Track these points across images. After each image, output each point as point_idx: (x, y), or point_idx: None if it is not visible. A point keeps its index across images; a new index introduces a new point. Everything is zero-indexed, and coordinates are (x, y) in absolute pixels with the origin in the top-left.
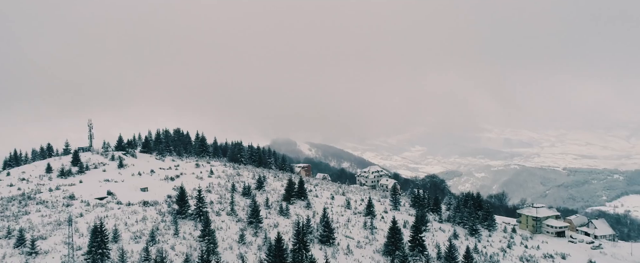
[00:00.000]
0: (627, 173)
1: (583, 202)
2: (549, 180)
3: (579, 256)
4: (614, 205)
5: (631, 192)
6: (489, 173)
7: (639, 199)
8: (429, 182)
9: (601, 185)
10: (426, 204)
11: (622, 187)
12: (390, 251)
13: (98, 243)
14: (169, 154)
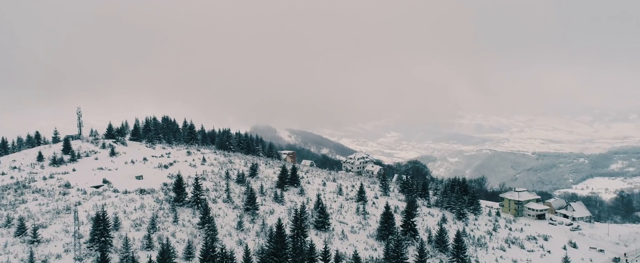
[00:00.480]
0: (591, 156)
1: (551, 185)
2: (519, 164)
3: (560, 237)
4: (580, 187)
5: (595, 175)
6: (462, 158)
7: (603, 181)
8: (412, 167)
9: (568, 168)
10: (415, 190)
11: (587, 170)
12: (384, 236)
13: (101, 231)
14: (159, 142)
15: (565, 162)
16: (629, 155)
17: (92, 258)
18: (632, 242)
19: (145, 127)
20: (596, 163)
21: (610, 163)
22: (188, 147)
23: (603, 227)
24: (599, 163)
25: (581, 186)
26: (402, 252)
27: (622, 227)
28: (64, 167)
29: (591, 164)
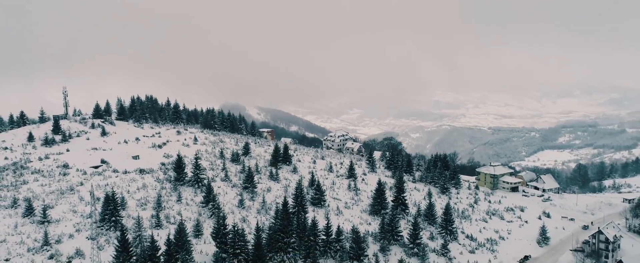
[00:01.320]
0: (542, 130)
1: (506, 158)
2: (476, 139)
3: (534, 208)
4: (532, 159)
5: (546, 148)
6: (423, 134)
7: (552, 154)
8: (387, 144)
9: (521, 142)
10: (400, 166)
11: (538, 143)
12: (377, 211)
13: (111, 210)
14: (146, 121)
15: (518, 136)
16: (575, 128)
17: (104, 237)
18: (598, 211)
19: (131, 106)
20: (546, 137)
21: (558, 137)
22: (175, 126)
23: (571, 198)
24: (548, 137)
25: (533, 158)
26: (396, 225)
27: (588, 197)
28: (57, 147)
29: (542, 138)
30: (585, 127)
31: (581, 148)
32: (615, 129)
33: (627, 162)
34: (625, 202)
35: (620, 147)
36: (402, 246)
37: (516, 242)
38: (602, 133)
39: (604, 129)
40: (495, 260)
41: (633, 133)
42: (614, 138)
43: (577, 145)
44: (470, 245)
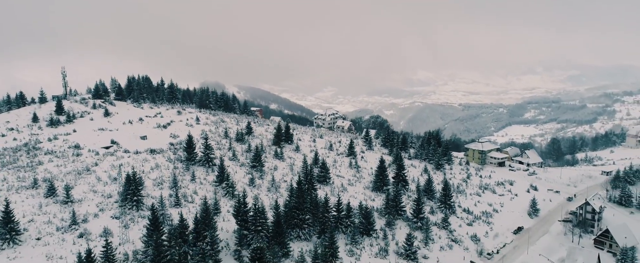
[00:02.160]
0: (509, 106)
1: (476, 133)
2: (447, 115)
3: (522, 182)
4: (501, 134)
5: (513, 123)
6: (396, 111)
7: (519, 129)
8: (373, 121)
9: (490, 118)
10: (395, 144)
11: (505, 119)
12: (379, 187)
13: (133, 190)
14: (143, 102)
15: (487, 112)
16: (539, 104)
17: (128, 216)
18: (580, 183)
19: (128, 87)
20: (513, 113)
21: (524, 112)
22: (172, 106)
23: (554, 171)
24: (515, 113)
25: (501, 133)
26: (399, 201)
27: (570, 170)
28: (63, 128)
29: (509, 113)
30: (549, 102)
31: (546, 123)
32: (576, 105)
33: (597, 136)
34: (604, 175)
35: (582, 121)
36: (405, 220)
37: (509, 214)
38: (565, 109)
39: (567, 105)
40: (491, 231)
41: (593, 109)
42: (575, 113)
43: (542, 120)
44: (467, 218)
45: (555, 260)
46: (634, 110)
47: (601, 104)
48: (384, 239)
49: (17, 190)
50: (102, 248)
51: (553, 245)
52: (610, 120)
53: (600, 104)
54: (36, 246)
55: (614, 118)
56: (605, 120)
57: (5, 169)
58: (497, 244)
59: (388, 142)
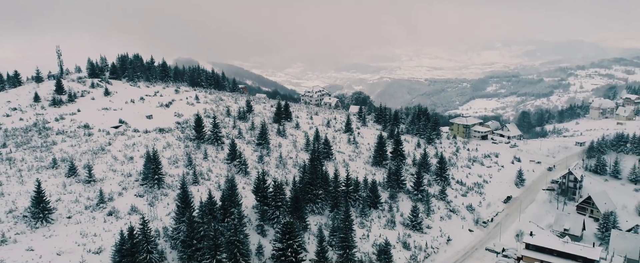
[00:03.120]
0: (472, 81)
1: (442, 107)
2: (414, 90)
3: (505, 154)
4: (465, 108)
5: (476, 97)
6: (365, 86)
7: (482, 102)
8: (356, 97)
9: (454, 92)
10: (388, 120)
11: (469, 93)
12: (378, 162)
13: (154, 169)
14: (138, 80)
15: (451, 87)
16: (500, 79)
17: (151, 194)
18: (558, 154)
19: (122, 65)
20: (476, 87)
21: (486, 87)
22: (167, 84)
23: (533, 143)
24: (478, 87)
25: (466, 107)
26: (400, 175)
27: (548, 141)
28: (66, 107)
29: (472, 88)
30: (509, 77)
31: (507, 97)
32: (534, 79)
33: (563, 109)
34: (578, 145)
35: (540, 94)
36: (406, 193)
37: (498, 185)
38: (524, 83)
39: (525, 79)
40: (484, 201)
41: (549, 82)
42: (534, 87)
43: (503, 93)
44: (461, 189)
45: (544, 226)
46: (587, 83)
47: (557, 78)
48: (390, 211)
49: (37, 170)
50: (139, 225)
51: (540, 213)
52: (566, 93)
53: (555, 78)
54: (69, 224)
55: (568, 91)
56: (560, 93)
57: (21, 149)
58: (490, 213)
59: (381, 118)
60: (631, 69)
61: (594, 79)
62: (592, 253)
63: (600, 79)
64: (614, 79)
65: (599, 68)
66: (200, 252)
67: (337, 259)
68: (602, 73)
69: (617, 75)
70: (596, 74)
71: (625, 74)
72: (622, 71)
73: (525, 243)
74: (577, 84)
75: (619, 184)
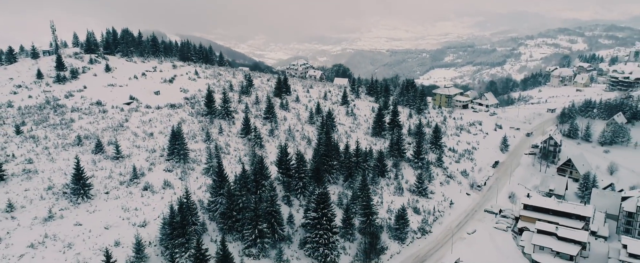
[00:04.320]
0: (431, 51)
1: (403, 77)
2: (376, 61)
3: (487, 121)
4: (426, 77)
5: (435, 67)
6: (329, 57)
7: (441, 72)
8: (337, 69)
9: (415, 62)
10: (379, 91)
11: (429, 63)
12: (378, 132)
13: (179, 145)
14: (132, 55)
15: (412, 58)
16: (457, 49)
17: (180, 168)
18: (533, 120)
19: (114, 40)
20: (435, 57)
21: (444, 57)
22: (161, 59)
23: (511, 110)
24: (436, 57)
25: (426, 76)
26: (401, 144)
27: (522, 109)
28: (70, 84)
29: (431, 58)
30: (464, 47)
31: (464, 66)
32: (488, 48)
33: (526, 78)
34: (549, 112)
35: (494, 63)
36: (407, 161)
37: (485, 151)
38: (479, 53)
39: (480, 49)
40: (475, 167)
41: (502, 52)
42: (488, 56)
43: (459, 63)
44: (454, 156)
45: (530, 187)
46: (536, 53)
47: (508, 48)
48: (396, 179)
49: (64, 147)
50: (183, 199)
51: (526, 175)
52: (518, 61)
53: (507, 47)
54: (108, 200)
55: (520, 60)
56: (513, 62)
57: (41, 127)
58: (482, 177)
59: (372, 90)
60: (574, 38)
61: (542, 48)
62: (585, 211)
63: (548, 48)
64: (560, 48)
65: (545, 38)
66: (239, 222)
67: (360, 225)
68: (549, 42)
69: (562, 45)
70: (544, 44)
71: (569, 43)
72: (566, 41)
73: (523, 204)
74: (527, 53)
75: (590, 147)
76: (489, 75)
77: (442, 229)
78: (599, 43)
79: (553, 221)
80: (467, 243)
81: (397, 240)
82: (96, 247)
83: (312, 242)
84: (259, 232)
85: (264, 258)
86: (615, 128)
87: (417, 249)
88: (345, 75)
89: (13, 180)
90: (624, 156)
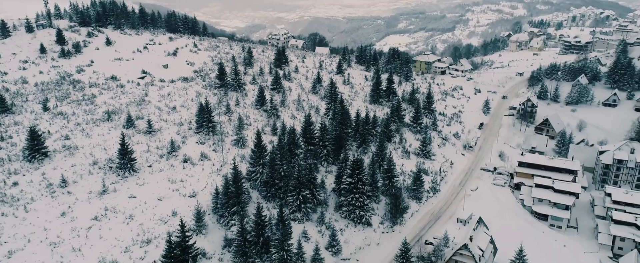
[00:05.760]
0: (385, 18)
1: (361, 43)
2: (333, 28)
3: (466, 86)
4: (382, 43)
5: (390, 33)
6: (287, 25)
7: (395, 38)
8: (313, 38)
9: (371, 29)
10: (368, 60)
11: (384, 29)
12: (376, 100)
13: (207, 118)
14: (124, 28)
15: (367, 24)
16: (409, 15)
17: (211, 141)
18: (506, 83)
19: (104, 13)
20: (389, 24)
21: (397, 23)
22: (153, 32)
23: (485, 75)
24: (390, 24)
25: (382, 42)
26: (401, 111)
27: (494, 73)
28: (76, 59)
29: (386, 24)
30: (416, 14)
31: (416, 32)
32: (438, 15)
33: (486, 43)
34: (518, 75)
35: (445, 29)
36: (406, 126)
37: (470, 114)
38: (430, 19)
39: (431, 15)
40: (464, 129)
41: (451, 18)
42: (438, 23)
43: (412, 29)
44: (444, 119)
45: (514, 145)
46: (482, 18)
47: (457, 14)
48: (400, 143)
49: (95, 123)
50: (230, 170)
51: (509, 135)
52: (466, 27)
53: (456, 14)
54: (153, 173)
55: (468, 25)
56: (462, 27)
57: (66, 103)
58: (472, 138)
59: (362, 59)
60: (515, 4)
61: (487, 14)
62: (573, 165)
63: (492, 14)
64: (503, 14)
65: (490, 4)
66: (280, 189)
67: (383, 186)
68: (493, 9)
69: (505, 10)
70: (489, 10)
71: (511, 9)
72: (508, 7)
73: (518, 162)
74: (474, 19)
75: (558, 107)
76: (440, 41)
77: (448, 187)
78: (537, 9)
79: (546, 176)
80: (473, 199)
81: (415, 200)
82: (155, 217)
83: (348, 205)
84: (302, 198)
85: (307, 222)
86: (580, 89)
87: (431, 206)
88: (321, 44)
89: (57, 157)
90: (589, 114)
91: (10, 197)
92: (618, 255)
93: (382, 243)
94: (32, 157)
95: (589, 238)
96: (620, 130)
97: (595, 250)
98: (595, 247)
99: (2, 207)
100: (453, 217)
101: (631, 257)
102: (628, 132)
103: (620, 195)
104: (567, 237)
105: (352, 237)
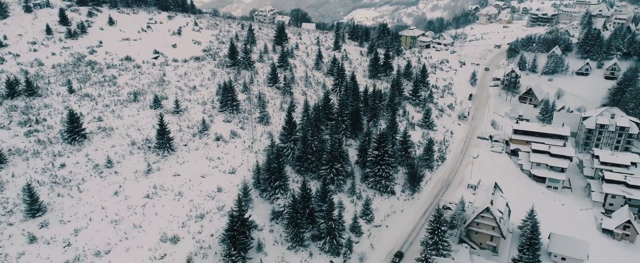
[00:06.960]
0: None
1: (330, 18)
2: (301, 2)
3: (452, 59)
4: (350, 17)
5: (357, 7)
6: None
7: (362, 12)
8: (296, 14)
9: (338, 3)
10: (360, 36)
11: (350, 3)
12: (374, 75)
13: (230, 96)
14: (119, 6)
15: None
16: None
17: (236, 119)
18: (486, 55)
19: None
20: None
21: None
22: (148, 10)
23: (467, 47)
24: None
25: (350, 16)
26: (401, 85)
27: (474, 46)
28: (83, 39)
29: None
30: None
31: (382, 6)
32: None
33: (458, 16)
34: (496, 48)
35: (409, 3)
36: (405, 99)
37: (459, 85)
38: None
39: None
40: (457, 100)
41: None
42: None
43: (378, 3)
44: (438, 91)
45: (502, 114)
46: None
47: None
48: (404, 115)
49: (122, 104)
50: (265, 146)
51: (496, 104)
52: (430, 0)
53: None
54: (190, 151)
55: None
56: (425, 1)
57: (89, 85)
58: (464, 109)
59: (355, 35)
60: None
61: None
62: (564, 131)
63: None
64: None
65: None
66: (313, 164)
67: (399, 157)
68: None
69: None
70: None
71: None
72: None
73: (513, 129)
74: None
75: (536, 77)
76: (406, 15)
77: (451, 156)
78: None
79: (539, 141)
80: (477, 166)
81: (428, 168)
82: (203, 194)
83: (374, 176)
84: (335, 171)
85: (340, 192)
86: (556, 59)
87: (441, 174)
88: (305, 19)
89: (95, 138)
90: (565, 83)
91: (62, 178)
92: (610, 210)
93: (405, 210)
94: (72, 139)
95: (582, 197)
96: (594, 97)
97: (590, 207)
98: (589, 204)
99: (56, 188)
100: (462, 183)
101: (623, 212)
102: (603, 99)
103: (607, 157)
104: (563, 196)
105: (381, 205)
